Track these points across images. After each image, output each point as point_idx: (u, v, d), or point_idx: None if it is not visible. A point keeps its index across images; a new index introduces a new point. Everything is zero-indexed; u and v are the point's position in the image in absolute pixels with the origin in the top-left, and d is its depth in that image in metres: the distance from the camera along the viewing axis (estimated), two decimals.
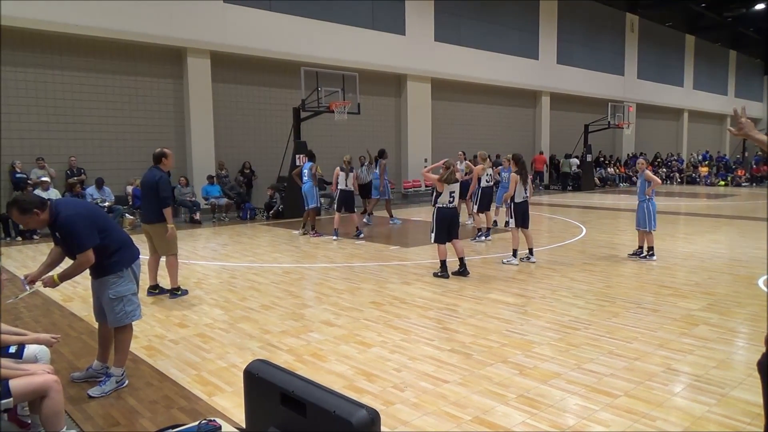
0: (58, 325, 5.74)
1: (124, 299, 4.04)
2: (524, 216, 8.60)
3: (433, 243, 7.78)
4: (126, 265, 4.07)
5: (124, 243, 4.11)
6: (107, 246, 3.95)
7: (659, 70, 32.45)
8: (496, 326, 5.47)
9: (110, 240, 3.98)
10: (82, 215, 3.82)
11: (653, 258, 8.71)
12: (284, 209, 14.72)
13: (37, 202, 3.75)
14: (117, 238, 4.05)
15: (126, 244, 4.12)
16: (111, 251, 3.98)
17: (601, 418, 3.54)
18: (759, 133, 2.88)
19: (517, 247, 8.55)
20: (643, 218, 8.66)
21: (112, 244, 3.99)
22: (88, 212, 3.93)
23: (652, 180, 8.60)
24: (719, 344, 4.92)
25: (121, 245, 4.07)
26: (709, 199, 20.66)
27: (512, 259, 8.52)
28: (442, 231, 7.66)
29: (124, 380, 4.12)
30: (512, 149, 23.73)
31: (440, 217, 7.67)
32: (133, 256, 4.16)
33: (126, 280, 4.06)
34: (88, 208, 4.04)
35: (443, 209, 7.69)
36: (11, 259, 9.44)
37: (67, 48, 13.26)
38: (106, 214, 4.21)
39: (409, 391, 3.99)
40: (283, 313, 6.03)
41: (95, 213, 4.03)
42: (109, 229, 4.02)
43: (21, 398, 3.01)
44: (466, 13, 21.73)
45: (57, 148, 13.19)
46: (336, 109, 14.76)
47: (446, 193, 7.67)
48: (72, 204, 4.06)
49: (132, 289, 4.12)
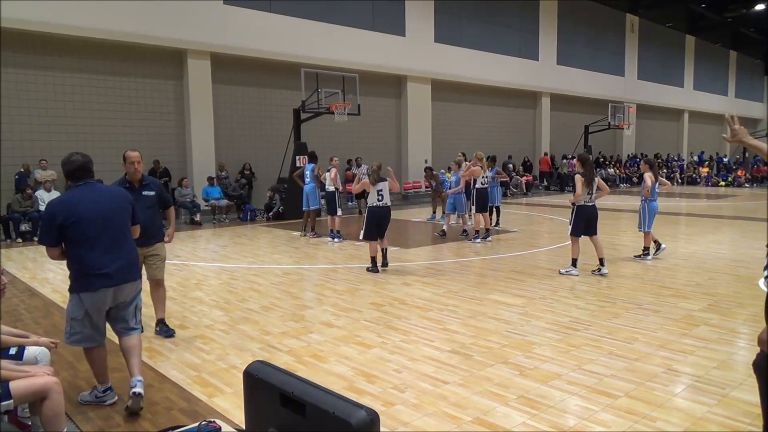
0: (58, 326, 5.73)
1: (66, 318, 3.77)
2: (589, 222, 7.72)
3: (362, 239, 8.29)
4: (77, 290, 3.65)
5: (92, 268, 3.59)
6: (71, 260, 3.64)
7: (659, 71, 32.45)
8: (496, 327, 5.46)
9: (78, 257, 3.61)
10: (50, 212, 3.60)
11: (647, 258, 8.72)
12: (284, 210, 14.72)
13: (66, 170, 3.72)
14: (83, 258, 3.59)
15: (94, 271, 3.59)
16: (73, 268, 3.66)
17: (602, 419, 3.54)
18: (753, 139, 2.90)
19: (576, 256, 7.72)
20: (642, 219, 8.69)
21: (76, 262, 3.62)
22: (63, 211, 3.56)
23: (645, 182, 8.65)
24: (720, 345, 4.91)
25: (86, 268, 3.60)
26: (709, 200, 20.66)
27: (572, 270, 7.72)
28: (372, 228, 8.12)
29: (104, 398, 3.86)
30: (512, 150, 24.06)
31: (370, 216, 8.13)
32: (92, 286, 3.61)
33: (73, 303, 3.69)
34: (68, 208, 3.59)
35: (373, 208, 8.13)
36: (12, 261, 9.44)
37: (67, 49, 13.28)
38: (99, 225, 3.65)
39: (409, 392, 3.98)
40: (283, 314, 6.03)
41: (71, 215, 3.55)
42: (77, 241, 3.57)
43: (21, 400, 3.01)
44: (466, 13, 21.75)
45: (57, 150, 13.18)
46: (336, 110, 14.77)
47: (374, 192, 8.11)
48: (67, 195, 3.73)
49: (72, 313, 3.69)
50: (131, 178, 4.98)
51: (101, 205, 3.70)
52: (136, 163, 4.93)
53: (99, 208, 3.67)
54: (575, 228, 7.71)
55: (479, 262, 8.92)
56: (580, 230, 7.71)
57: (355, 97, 15.32)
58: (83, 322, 3.69)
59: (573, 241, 7.79)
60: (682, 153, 34.80)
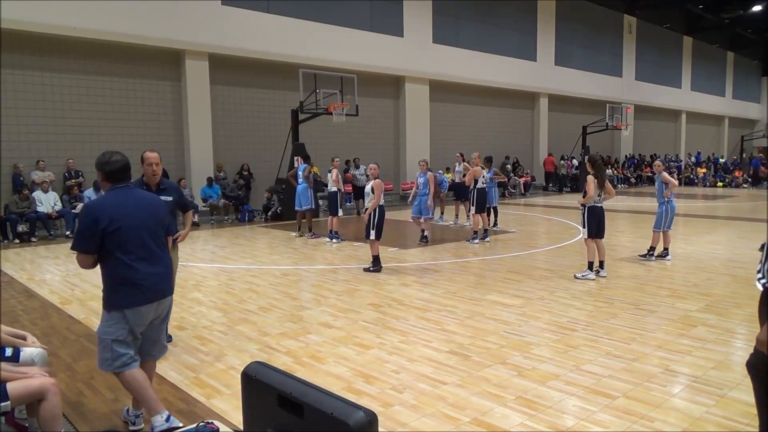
0: (56, 328, 5.72)
1: (102, 342, 3.29)
2: (599, 224, 7.63)
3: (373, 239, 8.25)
4: (118, 306, 3.27)
5: (133, 279, 3.27)
6: (111, 271, 3.27)
7: (657, 72, 32.51)
8: (494, 327, 5.47)
9: (120, 267, 3.24)
10: (92, 215, 3.21)
11: (652, 258, 8.73)
12: (282, 211, 14.71)
13: (106, 170, 3.33)
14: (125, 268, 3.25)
15: (135, 282, 3.28)
16: (115, 281, 3.27)
17: (600, 419, 3.54)
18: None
19: (592, 259, 7.64)
20: (659, 220, 8.68)
21: (118, 273, 3.25)
22: (107, 215, 3.20)
23: (669, 182, 8.61)
24: (717, 345, 4.92)
25: (127, 280, 3.26)
26: (706, 201, 20.70)
27: (588, 274, 7.57)
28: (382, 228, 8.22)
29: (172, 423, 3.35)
30: (510, 150, 24.07)
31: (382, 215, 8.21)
32: (135, 300, 3.29)
33: (112, 322, 3.27)
34: (112, 212, 3.23)
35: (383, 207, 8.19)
36: (9, 262, 9.42)
37: (65, 50, 13.26)
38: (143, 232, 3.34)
39: (407, 393, 3.98)
40: (281, 315, 6.02)
41: (115, 220, 3.22)
42: (117, 251, 3.23)
43: (18, 401, 3.00)
44: (464, 14, 21.77)
45: (55, 151, 13.19)
46: (334, 110, 14.77)
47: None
48: (109, 198, 3.33)
49: (114, 334, 3.26)
50: (149, 182, 4.53)
51: (143, 212, 3.37)
52: (154, 164, 4.56)
53: (142, 215, 3.35)
54: (589, 230, 7.62)
55: (477, 263, 8.93)
56: (593, 232, 7.62)
57: (354, 97, 15.33)
58: (127, 342, 3.31)
59: (587, 243, 7.71)
60: (680, 154, 34.87)
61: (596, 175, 7.53)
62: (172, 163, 14.99)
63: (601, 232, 7.69)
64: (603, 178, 7.58)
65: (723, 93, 39.36)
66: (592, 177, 7.54)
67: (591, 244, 7.67)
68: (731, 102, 40.11)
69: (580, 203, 7.74)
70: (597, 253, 7.72)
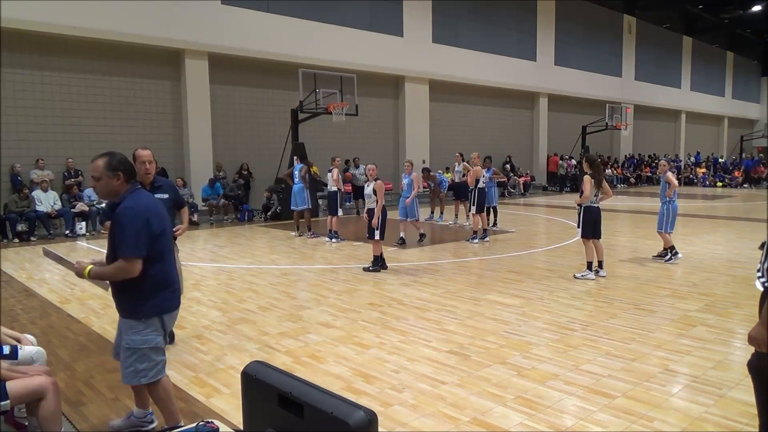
0: (55, 327, 5.72)
1: (137, 353, 3.13)
2: (596, 224, 7.64)
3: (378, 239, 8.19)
4: (158, 312, 3.16)
5: (171, 283, 3.23)
6: (152, 276, 3.11)
7: (656, 72, 32.53)
8: (494, 327, 5.47)
9: (159, 271, 3.13)
10: (143, 218, 3.04)
11: (676, 257, 8.67)
12: (282, 211, 14.71)
13: (129, 170, 3.15)
14: (165, 272, 3.18)
15: (172, 286, 3.24)
16: (157, 285, 3.14)
17: (599, 419, 3.54)
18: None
19: (591, 259, 7.64)
20: (661, 220, 8.67)
21: (157, 278, 3.13)
22: (156, 217, 3.11)
23: (670, 182, 8.62)
24: (717, 345, 4.92)
25: (167, 284, 3.19)
26: (706, 200, 20.71)
27: (588, 273, 7.58)
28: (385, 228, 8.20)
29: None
30: (510, 150, 24.07)
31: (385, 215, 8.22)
32: (173, 304, 3.26)
33: (150, 329, 3.14)
34: (157, 214, 3.14)
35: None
36: (8, 261, 9.41)
37: (64, 50, 13.25)
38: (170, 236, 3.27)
39: (407, 393, 3.99)
40: (281, 315, 6.02)
41: (161, 222, 3.14)
42: (163, 253, 3.14)
43: (18, 400, 3.00)
44: (463, 14, 21.76)
45: (54, 150, 13.17)
46: (334, 110, 14.77)
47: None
48: (145, 200, 3.17)
49: (152, 342, 3.16)
50: (142, 180, 4.12)
51: (165, 213, 3.30)
52: (147, 162, 4.41)
53: (166, 216, 3.29)
54: (584, 230, 7.62)
55: (477, 263, 8.93)
56: (590, 232, 7.62)
57: (353, 97, 15.32)
58: (162, 347, 3.23)
59: (585, 243, 7.70)
60: (680, 154, 34.89)
61: (593, 175, 7.53)
62: (171, 163, 14.98)
63: (598, 233, 7.69)
64: (600, 178, 7.57)
65: (722, 93, 39.38)
66: (588, 177, 7.54)
67: (590, 244, 7.68)
68: (731, 102, 40.13)
69: (577, 203, 7.76)
70: (596, 254, 7.72)
